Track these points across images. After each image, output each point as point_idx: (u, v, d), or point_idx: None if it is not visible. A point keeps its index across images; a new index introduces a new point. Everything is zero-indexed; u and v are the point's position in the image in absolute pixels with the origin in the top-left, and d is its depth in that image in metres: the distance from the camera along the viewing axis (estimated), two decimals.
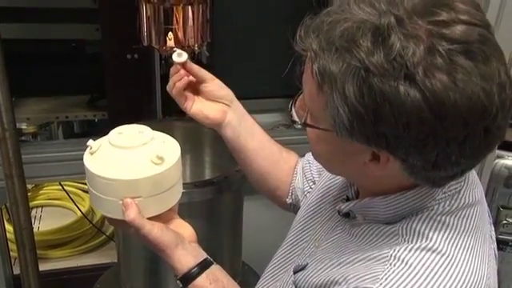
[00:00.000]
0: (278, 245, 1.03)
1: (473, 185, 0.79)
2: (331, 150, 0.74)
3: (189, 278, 0.82)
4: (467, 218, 0.75)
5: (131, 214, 0.79)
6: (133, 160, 0.80)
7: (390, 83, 0.61)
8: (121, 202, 0.80)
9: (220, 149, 1.54)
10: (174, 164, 0.82)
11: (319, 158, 0.82)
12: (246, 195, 1.50)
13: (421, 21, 0.62)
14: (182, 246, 0.83)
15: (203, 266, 0.83)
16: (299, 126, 0.78)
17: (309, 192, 1.06)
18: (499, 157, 1.60)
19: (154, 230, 0.81)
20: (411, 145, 0.64)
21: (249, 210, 1.54)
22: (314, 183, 1.06)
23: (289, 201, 1.11)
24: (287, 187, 1.11)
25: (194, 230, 0.89)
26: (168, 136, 0.88)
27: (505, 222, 1.65)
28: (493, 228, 0.86)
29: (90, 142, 0.83)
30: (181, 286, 0.84)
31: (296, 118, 0.79)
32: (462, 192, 0.77)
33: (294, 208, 1.09)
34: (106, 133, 0.85)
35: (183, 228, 0.87)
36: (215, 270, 0.84)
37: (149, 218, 0.81)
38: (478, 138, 0.64)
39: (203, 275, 0.82)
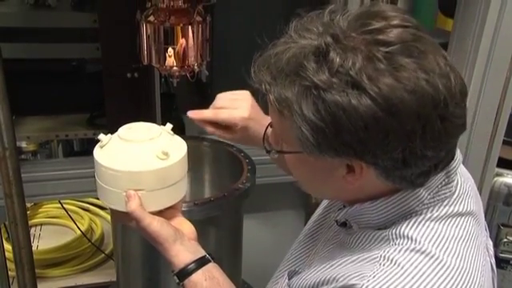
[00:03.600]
0: (277, 263, 1.03)
1: (465, 194, 0.80)
2: (309, 170, 0.77)
3: (185, 273, 0.83)
4: (457, 226, 0.76)
5: (132, 205, 0.81)
6: (138, 153, 0.82)
7: (340, 94, 0.65)
8: (124, 194, 0.82)
9: (220, 167, 1.54)
10: (179, 161, 0.85)
11: (302, 181, 0.84)
12: (246, 213, 1.49)
13: (355, 34, 0.67)
14: (181, 241, 0.84)
15: (200, 263, 0.84)
16: (276, 155, 0.82)
17: None
18: (498, 175, 1.60)
19: (154, 223, 0.82)
20: (375, 147, 0.68)
21: (248, 229, 1.53)
22: None
23: None
24: None
25: None
26: (176, 136, 0.90)
27: (505, 240, 1.65)
28: (490, 242, 0.86)
29: (101, 136, 0.85)
30: (177, 281, 0.84)
31: (269, 148, 0.83)
32: (452, 199, 0.78)
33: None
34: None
35: (184, 225, 0.88)
36: (212, 267, 0.85)
37: (152, 213, 0.83)
38: (436, 127, 0.67)
39: (199, 271, 0.83)
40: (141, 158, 0.82)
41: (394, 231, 0.75)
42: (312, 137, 0.69)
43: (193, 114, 1.00)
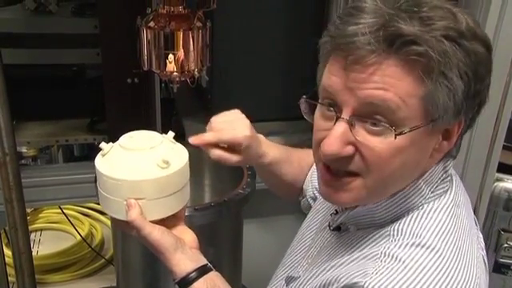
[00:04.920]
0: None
1: (458, 188, 0.82)
2: (409, 153, 0.71)
3: (186, 282, 0.82)
4: (456, 217, 0.77)
5: (133, 214, 0.81)
6: (139, 162, 0.82)
7: (471, 43, 0.68)
8: (125, 203, 0.81)
9: (220, 172, 1.54)
10: (180, 169, 0.84)
11: (390, 174, 0.73)
12: (246, 218, 1.49)
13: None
14: (182, 250, 0.83)
15: (202, 272, 0.83)
16: (394, 139, 0.70)
17: (312, 198, 1.09)
18: (498, 180, 1.59)
19: (154, 232, 0.82)
20: (485, 93, 0.72)
21: (248, 234, 1.53)
22: (317, 190, 1.08)
23: (301, 201, 1.15)
24: (299, 189, 1.15)
25: None
26: (179, 144, 0.90)
27: (506, 245, 1.64)
28: (481, 235, 0.86)
29: (102, 145, 0.85)
30: None
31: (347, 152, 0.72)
32: (449, 192, 0.79)
33: (306, 207, 1.12)
34: None
35: (185, 234, 0.88)
36: (214, 276, 0.84)
37: (154, 222, 0.83)
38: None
39: (201, 280, 0.82)
40: (141, 166, 0.82)
41: (395, 227, 0.76)
42: (462, 91, 0.68)
43: (195, 139, 0.95)
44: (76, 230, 2.35)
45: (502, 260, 1.65)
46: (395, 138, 0.68)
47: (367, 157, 0.71)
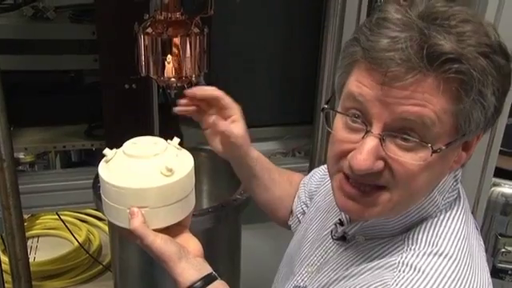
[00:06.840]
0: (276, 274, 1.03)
1: (462, 191, 0.83)
2: (437, 166, 0.70)
3: None
4: (466, 222, 0.78)
5: (135, 223, 0.79)
6: (142, 169, 0.81)
7: (499, 58, 0.67)
8: (128, 211, 0.80)
9: (217, 178, 1.54)
10: (184, 177, 0.82)
11: (417, 188, 0.72)
12: (244, 224, 1.49)
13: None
14: (186, 259, 0.82)
15: (207, 281, 0.82)
16: (431, 156, 0.68)
17: (301, 213, 1.08)
18: (495, 185, 1.60)
19: (157, 241, 0.80)
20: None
21: (246, 239, 1.53)
22: (307, 206, 1.07)
23: (290, 222, 1.13)
24: (289, 210, 1.13)
25: None
26: (184, 150, 0.89)
27: (503, 250, 1.64)
28: (481, 239, 0.86)
29: (106, 151, 0.84)
30: None
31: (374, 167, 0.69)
32: (458, 200, 0.80)
33: (296, 226, 1.11)
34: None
35: (190, 242, 0.86)
36: (219, 284, 0.83)
37: (157, 230, 0.81)
38: None
39: None
40: (144, 174, 0.80)
41: (410, 236, 0.75)
42: (494, 108, 0.68)
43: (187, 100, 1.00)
44: (73, 236, 2.34)
45: (499, 265, 1.65)
46: (431, 155, 0.67)
47: (397, 172, 0.69)
